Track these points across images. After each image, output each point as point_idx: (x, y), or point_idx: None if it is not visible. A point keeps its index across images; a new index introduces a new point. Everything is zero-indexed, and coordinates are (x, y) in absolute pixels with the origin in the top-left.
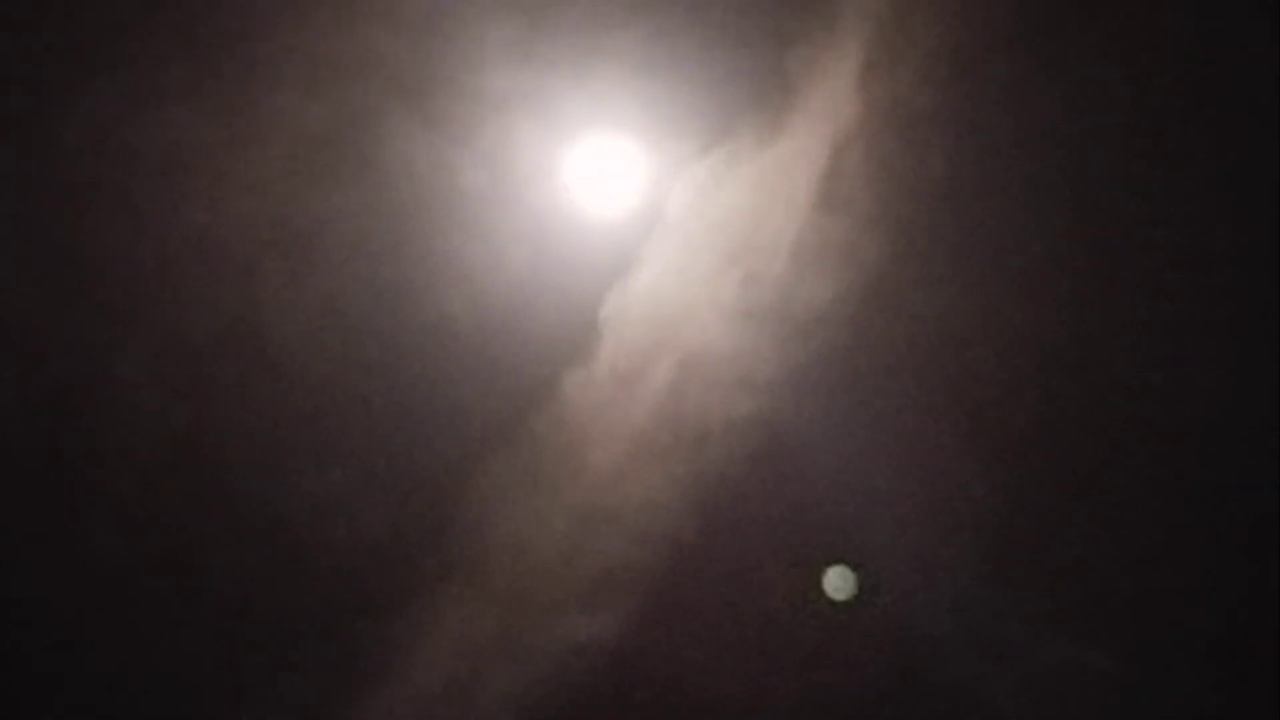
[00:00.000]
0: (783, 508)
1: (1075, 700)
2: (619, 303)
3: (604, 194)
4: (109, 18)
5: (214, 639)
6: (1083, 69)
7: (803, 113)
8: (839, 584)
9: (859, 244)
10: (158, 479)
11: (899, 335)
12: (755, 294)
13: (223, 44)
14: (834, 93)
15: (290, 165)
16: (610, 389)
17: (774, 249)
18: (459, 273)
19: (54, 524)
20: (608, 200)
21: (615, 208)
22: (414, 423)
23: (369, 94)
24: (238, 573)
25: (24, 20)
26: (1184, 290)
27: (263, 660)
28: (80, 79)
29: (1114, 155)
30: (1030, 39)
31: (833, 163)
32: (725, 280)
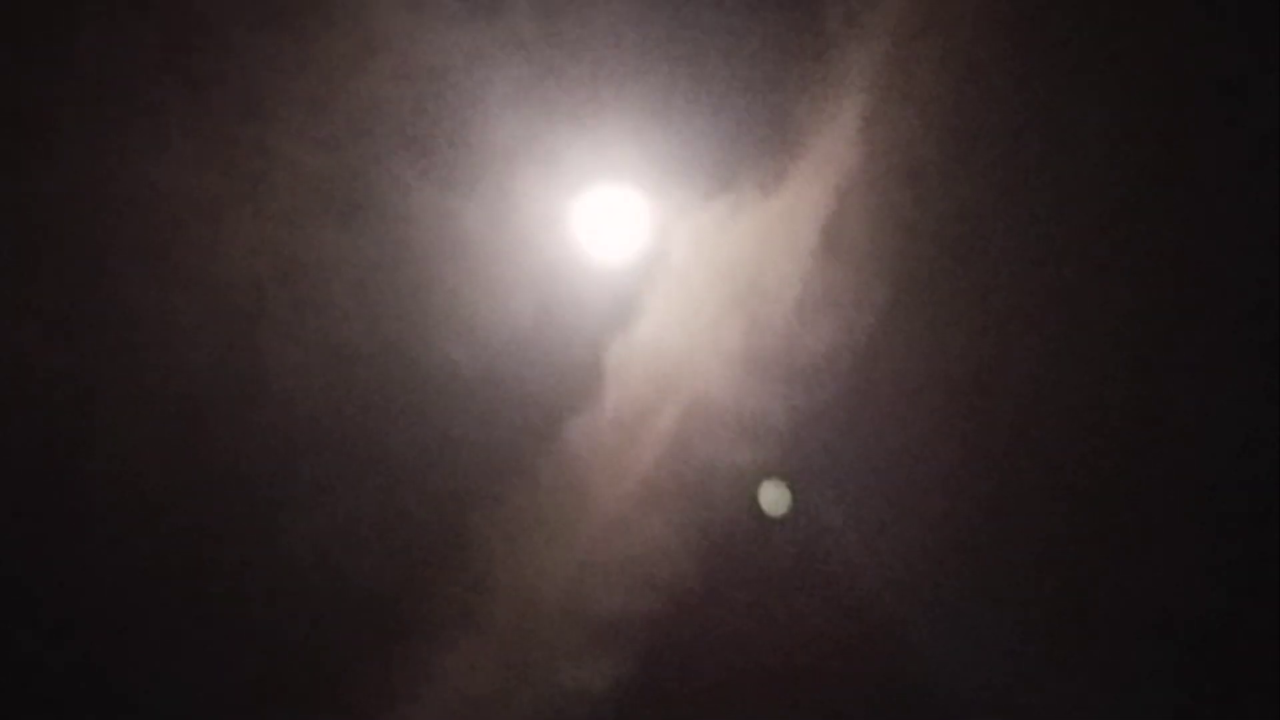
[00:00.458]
0: (787, 555)
1: None
2: (623, 350)
3: (608, 241)
4: (115, 66)
5: (214, 683)
6: (1084, 116)
7: (806, 161)
8: (774, 497)
9: (862, 291)
10: (159, 523)
11: (903, 382)
12: (759, 341)
13: (228, 92)
14: (837, 141)
15: (295, 213)
16: (614, 436)
17: (778, 296)
18: (463, 319)
19: (55, 567)
20: (611, 247)
21: (619, 255)
22: (417, 469)
23: (374, 142)
24: (238, 616)
25: (29, 67)
26: (1190, 334)
27: (264, 705)
28: (85, 125)
29: (1117, 202)
30: (1031, 87)
31: (836, 210)
32: (729, 327)
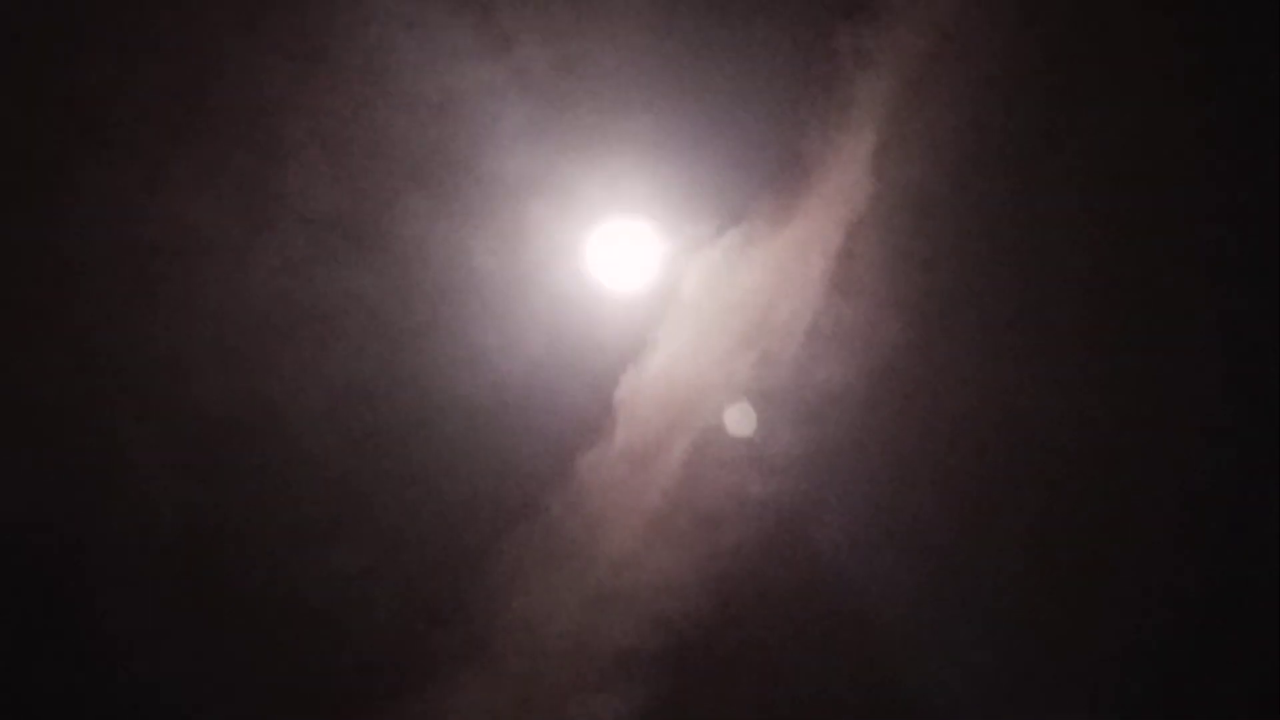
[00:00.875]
0: (796, 588)
1: None
2: (634, 384)
3: (619, 276)
4: (127, 103)
5: (233, 716)
6: (1094, 151)
7: (817, 195)
8: (740, 419)
9: (873, 325)
10: (174, 561)
11: (913, 417)
12: (770, 375)
13: (239, 128)
14: (848, 176)
15: (307, 248)
16: (625, 470)
17: (788, 330)
18: (475, 354)
19: (70, 602)
20: (623, 282)
21: (630, 289)
22: (429, 503)
23: (385, 177)
24: (253, 651)
25: (43, 106)
26: (1202, 370)
27: None
28: (99, 163)
29: (1128, 236)
30: (1041, 123)
31: (847, 245)
32: (740, 361)
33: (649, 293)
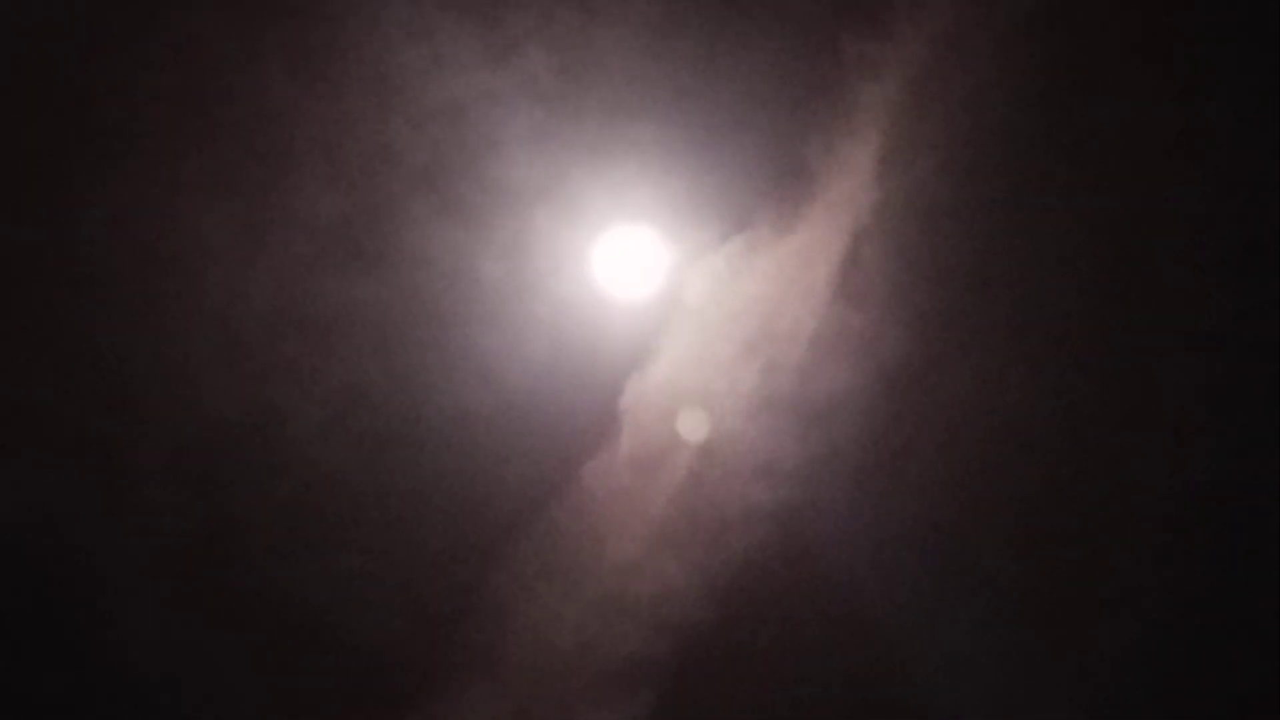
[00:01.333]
0: (802, 597)
1: None
2: (638, 391)
3: (623, 283)
4: (131, 110)
5: None
6: (1098, 159)
7: (821, 202)
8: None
9: (878, 333)
10: (177, 568)
11: (919, 424)
12: (774, 383)
13: (242, 136)
14: (852, 183)
15: (310, 256)
16: (629, 478)
17: (793, 338)
18: (479, 362)
19: (73, 605)
20: (627, 289)
21: (634, 297)
22: (434, 510)
23: (389, 185)
24: (255, 662)
25: (45, 114)
26: (1208, 377)
27: None
28: (101, 174)
29: (1134, 241)
30: (1046, 130)
31: (851, 252)
32: (744, 369)
33: (653, 300)
